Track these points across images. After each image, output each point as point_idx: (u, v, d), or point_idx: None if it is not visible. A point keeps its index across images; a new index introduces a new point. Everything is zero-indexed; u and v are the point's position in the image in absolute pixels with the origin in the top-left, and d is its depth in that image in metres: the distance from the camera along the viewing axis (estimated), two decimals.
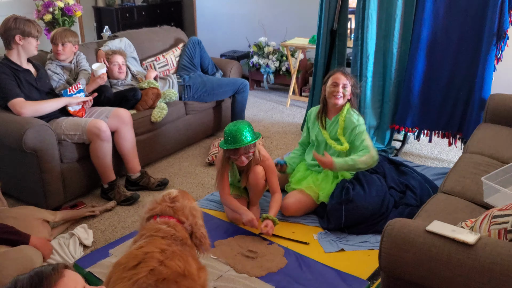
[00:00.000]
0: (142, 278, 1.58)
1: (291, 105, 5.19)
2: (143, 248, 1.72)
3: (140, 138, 3.43)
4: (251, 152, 2.64)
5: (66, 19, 4.45)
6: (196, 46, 4.23)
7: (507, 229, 1.61)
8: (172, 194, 1.98)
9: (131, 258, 1.67)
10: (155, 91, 3.60)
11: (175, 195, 1.98)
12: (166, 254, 1.70)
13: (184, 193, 2.03)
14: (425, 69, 3.56)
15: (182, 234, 1.85)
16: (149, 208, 1.97)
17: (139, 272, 1.60)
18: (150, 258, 1.66)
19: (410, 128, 3.74)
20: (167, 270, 1.63)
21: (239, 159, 2.63)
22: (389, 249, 1.69)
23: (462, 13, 3.33)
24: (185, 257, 1.75)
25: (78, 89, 3.14)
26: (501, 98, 3.08)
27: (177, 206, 1.93)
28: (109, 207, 3.03)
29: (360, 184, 2.82)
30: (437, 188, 2.94)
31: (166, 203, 1.94)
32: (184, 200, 1.97)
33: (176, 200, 1.95)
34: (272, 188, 2.79)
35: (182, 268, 1.68)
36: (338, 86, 2.84)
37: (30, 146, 2.73)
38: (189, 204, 1.97)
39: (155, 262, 1.64)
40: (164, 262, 1.65)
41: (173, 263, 1.67)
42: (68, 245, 2.60)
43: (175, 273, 1.65)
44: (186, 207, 1.94)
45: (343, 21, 3.91)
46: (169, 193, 1.99)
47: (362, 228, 2.68)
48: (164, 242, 1.76)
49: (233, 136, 2.57)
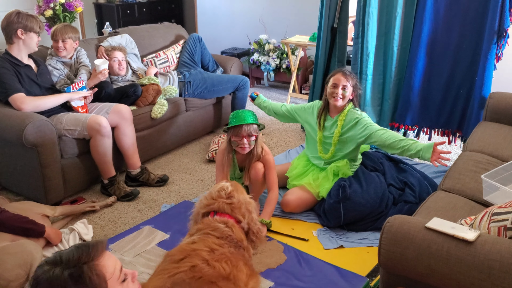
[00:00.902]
0: (181, 273, 1.58)
1: (291, 102, 5.19)
2: (194, 244, 1.73)
3: (140, 134, 3.43)
4: (253, 136, 2.66)
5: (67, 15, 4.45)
6: (196, 42, 4.23)
7: (507, 227, 1.62)
8: (227, 189, 1.95)
9: (179, 252, 1.70)
10: (156, 87, 3.60)
11: (230, 190, 1.95)
12: (214, 255, 1.68)
13: (236, 185, 2.00)
14: (425, 67, 3.56)
15: (238, 236, 1.84)
16: (205, 203, 1.95)
17: (180, 267, 1.61)
18: (196, 255, 1.66)
19: (410, 126, 3.74)
20: (209, 270, 1.62)
21: (241, 142, 2.64)
22: (389, 245, 1.69)
23: (463, 11, 3.33)
24: (235, 261, 1.72)
25: (81, 86, 3.14)
26: (501, 96, 3.09)
27: (234, 203, 1.91)
28: (109, 203, 3.03)
29: (358, 182, 2.83)
30: (435, 185, 2.94)
31: (222, 199, 1.92)
32: (239, 195, 1.95)
33: (232, 196, 1.93)
34: (270, 183, 2.79)
35: (227, 272, 1.66)
36: (338, 87, 2.84)
37: (31, 141, 2.73)
38: (244, 199, 1.95)
39: (199, 259, 1.64)
40: (209, 262, 1.64)
41: (218, 264, 1.65)
42: (68, 240, 2.61)
43: (216, 275, 1.63)
44: (242, 203, 1.92)
45: (344, 18, 3.91)
46: (223, 187, 1.95)
47: (361, 225, 2.69)
48: (217, 242, 1.75)
49: (237, 115, 2.67)
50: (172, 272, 1.60)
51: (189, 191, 3.26)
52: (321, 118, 2.99)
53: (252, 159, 2.74)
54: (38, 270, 1.10)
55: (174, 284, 1.56)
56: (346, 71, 2.91)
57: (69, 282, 1.07)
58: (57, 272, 1.07)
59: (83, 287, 1.08)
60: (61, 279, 1.07)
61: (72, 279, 1.07)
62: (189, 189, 3.29)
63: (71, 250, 1.14)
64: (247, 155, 2.77)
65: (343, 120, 2.89)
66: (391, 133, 2.70)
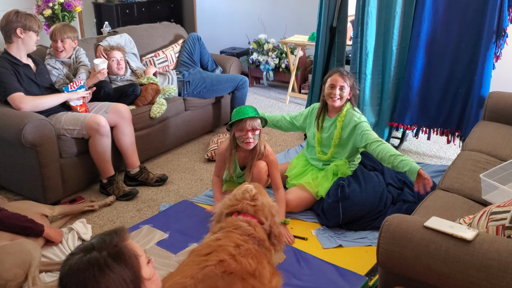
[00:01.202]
0: (211, 266, 1.61)
1: (290, 102, 5.19)
2: (219, 240, 1.75)
3: (139, 134, 3.43)
4: (258, 130, 2.66)
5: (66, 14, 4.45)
6: (195, 42, 4.23)
7: (505, 226, 1.62)
8: (252, 191, 1.97)
9: (205, 247, 1.72)
10: (155, 87, 3.60)
11: (254, 192, 1.97)
12: (240, 250, 1.71)
13: (260, 188, 2.02)
14: (424, 67, 3.56)
15: (261, 235, 1.85)
16: (229, 204, 1.97)
17: (209, 260, 1.63)
18: (223, 250, 1.69)
19: (409, 125, 3.74)
20: (236, 265, 1.65)
21: (246, 136, 2.64)
22: (387, 244, 1.69)
23: (462, 11, 3.33)
24: (260, 258, 1.75)
25: (79, 85, 3.14)
26: (500, 96, 3.09)
27: (258, 205, 1.93)
28: (108, 202, 3.03)
29: (357, 181, 2.83)
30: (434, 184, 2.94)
31: (246, 200, 1.94)
32: (263, 198, 1.97)
33: (256, 198, 1.95)
34: (275, 183, 2.80)
35: (253, 268, 1.68)
36: (335, 88, 2.85)
37: (29, 141, 2.73)
38: (268, 202, 1.96)
39: (226, 254, 1.67)
40: (235, 257, 1.67)
41: (244, 260, 1.68)
42: (67, 239, 2.61)
43: (244, 270, 1.65)
44: (266, 206, 1.93)
45: (343, 18, 3.91)
46: (248, 189, 1.98)
47: (360, 225, 2.69)
48: (241, 238, 1.78)
49: (240, 110, 2.67)
50: (201, 264, 1.63)
51: (188, 190, 3.26)
52: (319, 119, 2.99)
53: (255, 157, 2.74)
54: (71, 259, 1.15)
55: (206, 276, 1.58)
56: (343, 71, 2.91)
57: (109, 260, 1.13)
58: (95, 254, 1.14)
59: (123, 263, 1.15)
60: (101, 259, 1.13)
61: (111, 257, 1.14)
62: (188, 188, 3.29)
63: (99, 237, 1.20)
64: (249, 153, 2.76)
65: (342, 121, 2.89)
66: (384, 147, 2.66)
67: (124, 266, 1.15)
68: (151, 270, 1.23)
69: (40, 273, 2.26)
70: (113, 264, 1.13)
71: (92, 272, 1.12)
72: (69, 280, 1.13)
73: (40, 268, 2.24)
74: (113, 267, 1.13)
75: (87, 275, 1.11)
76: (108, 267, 1.13)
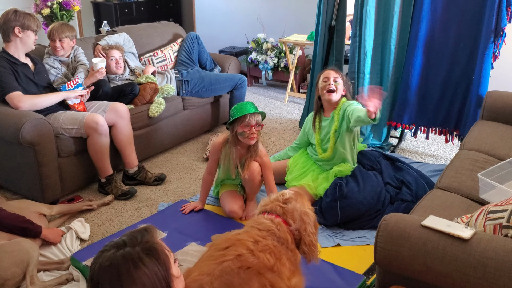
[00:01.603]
0: (228, 261, 1.61)
1: (289, 101, 5.19)
2: (239, 235, 1.75)
3: (138, 133, 3.43)
4: (261, 125, 2.66)
5: (65, 13, 4.44)
6: (194, 41, 4.23)
7: (502, 225, 1.62)
8: (286, 195, 1.95)
9: (224, 241, 1.72)
10: (153, 86, 3.60)
11: (288, 196, 1.94)
12: (258, 246, 1.70)
13: (299, 195, 1.98)
14: (422, 66, 3.57)
15: (283, 234, 1.82)
16: (261, 204, 1.96)
17: (227, 255, 1.64)
18: (241, 244, 1.69)
19: (408, 124, 3.74)
20: (254, 260, 1.64)
21: (250, 132, 2.61)
22: (385, 243, 1.70)
23: (460, 10, 3.33)
24: (279, 255, 1.72)
25: (76, 84, 3.14)
26: (498, 95, 3.09)
27: (288, 207, 1.90)
28: (106, 201, 3.03)
29: (355, 180, 2.83)
30: (432, 184, 2.95)
31: (278, 202, 1.92)
32: (296, 204, 1.92)
33: (288, 202, 1.92)
34: (269, 186, 2.79)
35: (271, 263, 1.67)
36: (329, 79, 2.88)
37: (28, 140, 2.73)
38: (301, 208, 1.91)
39: (244, 249, 1.67)
40: (253, 252, 1.67)
41: (262, 255, 1.67)
42: (65, 238, 2.61)
43: (262, 265, 1.65)
44: (297, 211, 1.89)
45: (341, 17, 3.91)
46: (283, 193, 1.96)
47: (358, 224, 2.70)
48: (260, 234, 1.77)
49: (241, 106, 2.64)
50: (219, 259, 1.63)
51: (187, 190, 3.26)
52: (316, 120, 3.01)
53: (254, 153, 2.72)
54: (102, 256, 1.16)
55: (222, 272, 1.58)
56: (335, 68, 2.97)
57: (143, 255, 1.16)
58: (128, 249, 1.16)
59: (155, 259, 1.18)
60: (135, 254, 1.15)
61: (145, 252, 1.17)
62: (187, 188, 3.29)
63: (130, 234, 1.23)
64: (246, 151, 2.75)
65: (339, 114, 2.90)
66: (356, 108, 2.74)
67: (157, 262, 1.18)
68: (177, 269, 1.26)
69: (38, 272, 2.26)
70: (146, 259, 1.16)
71: (127, 266, 1.13)
72: (102, 276, 1.14)
73: (38, 267, 2.24)
74: (146, 262, 1.16)
75: (121, 270, 1.13)
76: (142, 262, 1.15)
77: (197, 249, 2.45)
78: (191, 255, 2.40)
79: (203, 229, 2.67)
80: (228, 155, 2.74)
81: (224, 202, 2.83)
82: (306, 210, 1.91)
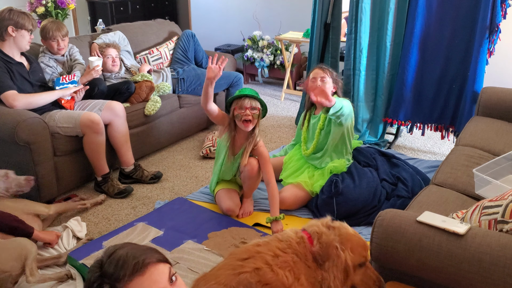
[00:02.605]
0: (246, 274, 1.56)
1: (285, 99, 5.20)
2: (259, 247, 1.69)
3: (134, 131, 3.43)
4: (257, 109, 2.63)
5: (59, 12, 4.42)
6: (190, 39, 4.22)
7: (497, 220, 1.63)
8: (333, 223, 1.80)
9: (243, 252, 1.67)
10: (149, 84, 3.59)
11: (334, 225, 1.79)
12: (277, 261, 1.63)
13: (344, 234, 1.77)
14: (418, 63, 3.57)
15: (301, 249, 1.70)
16: (308, 224, 1.85)
17: (245, 266, 1.59)
18: (260, 257, 1.63)
19: (403, 121, 3.75)
20: (273, 277, 1.58)
21: (244, 113, 2.60)
22: (380, 239, 1.70)
23: (455, 7, 3.34)
24: (298, 274, 1.64)
25: (71, 79, 3.12)
26: (493, 91, 3.10)
27: (322, 231, 1.75)
28: (99, 201, 3.02)
29: (351, 177, 2.84)
30: (428, 180, 2.96)
31: (320, 224, 1.79)
32: (335, 233, 1.75)
33: (330, 227, 1.77)
34: (267, 177, 2.77)
35: (289, 281, 1.60)
36: (316, 80, 2.89)
37: (23, 139, 2.72)
38: (337, 239, 1.73)
39: (263, 262, 1.61)
40: (272, 267, 1.61)
41: (281, 272, 1.60)
42: (61, 237, 2.60)
43: (280, 283, 1.58)
44: (330, 236, 1.73)
45: (337, 14, 3.92)
46: (331, 221, 1.81)
47: (355, 220, 2.70)
48: (280, 247, 1.68)
49: (241, 91, 2.66)
50: (237, 270, 1.58)
51: (183, 188, 3.26)
52: (306, 117, 3.02)
53: (252, 140, 2.71)
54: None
55: (239, 283, 1.54)
56: (323, 65, 2.97)
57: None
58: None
59: None
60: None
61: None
62: (183, 186, 3.29)
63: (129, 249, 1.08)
64: (245, 138, 2.74)
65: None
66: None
67: None
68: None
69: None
70: None
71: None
72: None
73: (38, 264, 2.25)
74: None
75: None
76: None
77: (194, 247, 2.45)
78: (187, 253, 2.40)
79: (200, 227, 2.67)
80: (227, 139, 2.75)
81: (221, 200, 2.83)
82: (339, 245, 1.71)
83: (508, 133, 2.79)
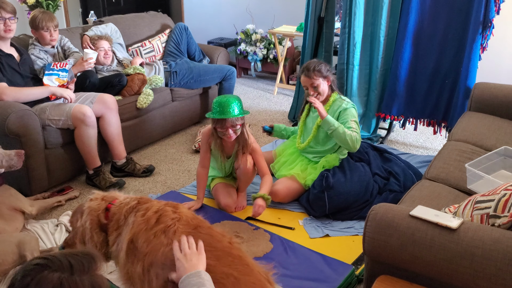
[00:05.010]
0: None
1: (278, 93, 5.19)
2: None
3: (126, 124, 3.40)
4: (238, 125, 2.60)
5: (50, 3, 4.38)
6: (182, 32, 4.19)
7: (489, 214, 1.64)
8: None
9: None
10: (141, 77, 3.56)
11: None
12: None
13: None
14: (411, 58, 3.58)
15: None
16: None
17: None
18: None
19: (396, 116, 3.76)
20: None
21: (226, 132, 2.60)
22: (373, 233, 1.70)
23: (449, 2, 3.34)
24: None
25: (63, 67, 3.08)
26: (485, 86, 3.11)
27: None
28: (72, 196, 2.98)
29: (342, 171, 2.84)
30: (420, 174, 2.97)
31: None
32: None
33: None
34: (262, 171, 2.78)
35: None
36: (310, 89, 2.88)
37: (13, 131, 2.69)
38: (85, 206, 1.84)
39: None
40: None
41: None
42: (53, 232, 2.58)
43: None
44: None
45: (331, 8, 3.91)
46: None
47: (347, 214, 2.71)
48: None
49: (221, 106, 2.55)
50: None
51: (176, 181, 3.25)
52: (304, 112, 3.02)
53: (242, 144, 2.70)
54: (43, 275, 1.01)
55: None
56: (308, 68, 2.86)
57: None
58: (75, 278, 1.03)
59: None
60: (80, 286, 1.03)
61: (91, 286, 1.05)
62: (176, 179, 3.27)
63: (77, 259, 1.07)
64: (235, 141, 2.73)
65: (328, 110, 2.90)
66: (347, 129, 2.79)
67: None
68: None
69: None
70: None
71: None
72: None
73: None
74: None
75: None
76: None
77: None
78: None
79: None
80: (216, 146, 2.74)
81: (219, 196, 2.81)
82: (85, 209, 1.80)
83: (500, 129, 2.81)
